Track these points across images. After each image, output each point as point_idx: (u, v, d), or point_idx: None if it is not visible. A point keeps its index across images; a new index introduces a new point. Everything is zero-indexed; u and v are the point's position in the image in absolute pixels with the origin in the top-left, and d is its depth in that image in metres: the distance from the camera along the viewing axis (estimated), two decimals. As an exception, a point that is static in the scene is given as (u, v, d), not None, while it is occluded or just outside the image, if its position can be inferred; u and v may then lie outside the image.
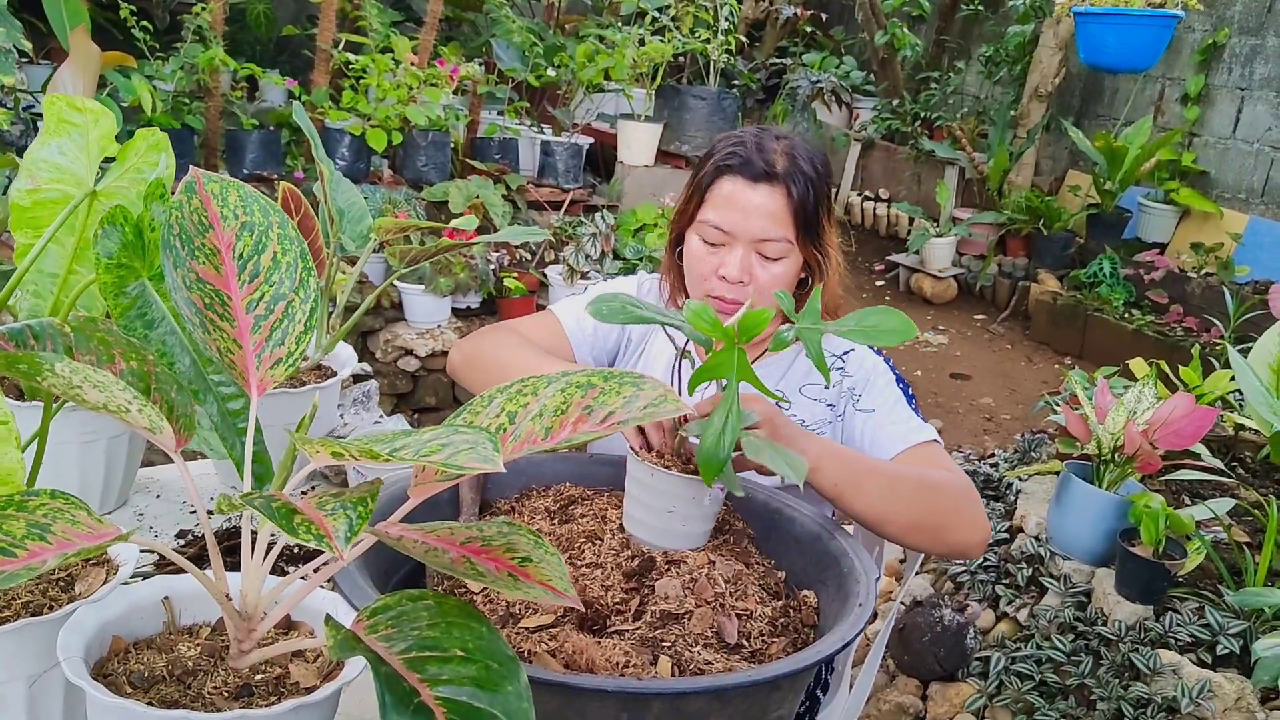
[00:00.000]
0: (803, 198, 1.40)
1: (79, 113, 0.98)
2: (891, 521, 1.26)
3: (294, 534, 0.64)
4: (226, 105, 4.54)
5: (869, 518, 1.25)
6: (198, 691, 0.84)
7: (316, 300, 0.80)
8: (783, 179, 1.40)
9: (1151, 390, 2.43)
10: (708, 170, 1.45)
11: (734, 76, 6.17)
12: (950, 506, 1.29)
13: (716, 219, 1.42)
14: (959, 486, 1.31)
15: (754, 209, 1.40)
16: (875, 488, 1.25)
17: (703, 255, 1.45)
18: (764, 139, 1.43)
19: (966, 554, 1.33)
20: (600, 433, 0.81)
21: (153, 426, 0.77)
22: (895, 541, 1.31)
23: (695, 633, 1.04)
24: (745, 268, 1.41)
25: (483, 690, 0.70)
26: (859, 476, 1.24)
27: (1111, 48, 5.11)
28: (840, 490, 1.23)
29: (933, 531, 1.29)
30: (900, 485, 1.28)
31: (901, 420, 1.42)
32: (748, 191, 1.41)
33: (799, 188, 1.40)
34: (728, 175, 1.43)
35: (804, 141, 1.47)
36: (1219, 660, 2.12)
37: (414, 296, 4.29)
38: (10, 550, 0.67)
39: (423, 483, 0.82)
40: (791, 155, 1.42)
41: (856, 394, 1.47)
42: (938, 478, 1.31)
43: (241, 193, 0.82)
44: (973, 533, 1.30)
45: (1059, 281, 6.05)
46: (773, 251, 1.42)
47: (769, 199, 1.40)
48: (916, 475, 1.30)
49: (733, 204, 1.42)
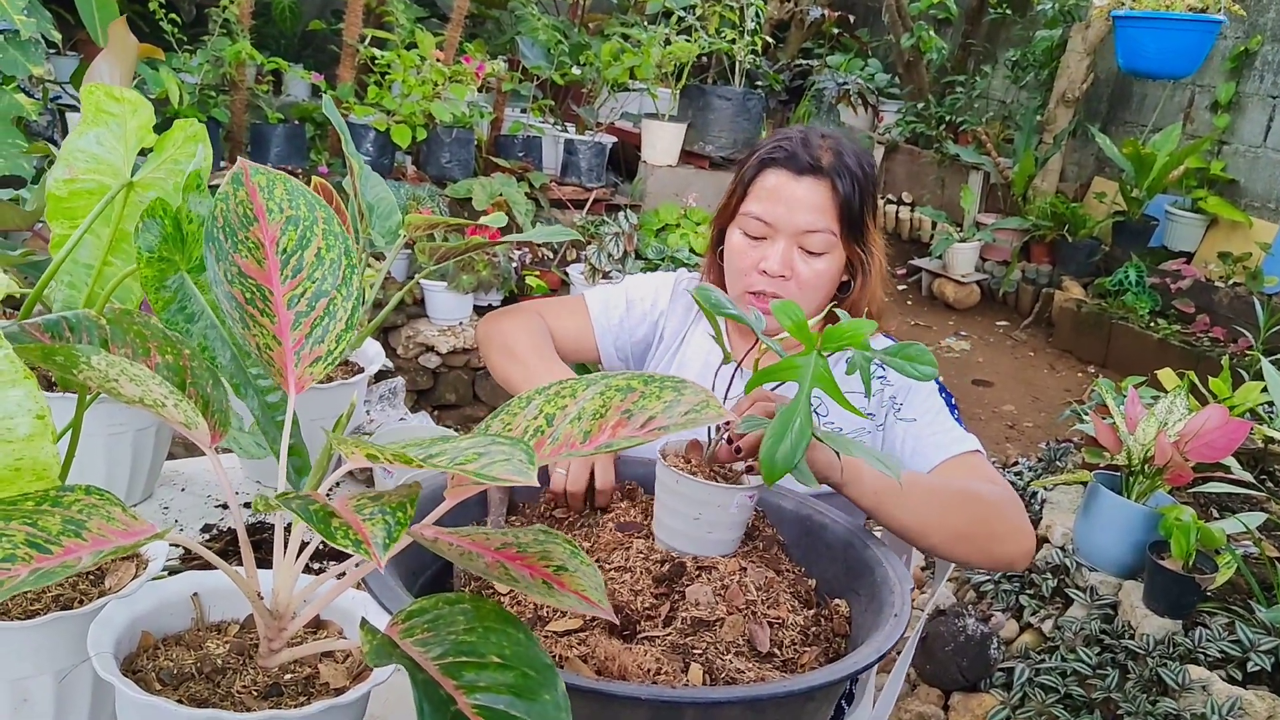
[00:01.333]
0: (848, 194, 1.39)
1: (117, 103, 0.97)
2: (935, 532, 1.22)
3: (331, 539, 0.63)
4: (251, 99, 4.54)
5: (911, 528, 1.22)
6: (227, 690, 0.83)
7: (359, 299, 0.79)
8: (828, 173, 1.39)
9: (1183, 401, 2.40)
10: (751, 164, 1.44)
11: (758, 77, 6.14)
12: (995, 516, 1.26)
13: (759, 211, 1.41)
14: (1003, 497, 1.28)
15: (798, 201, 1.39)
16: (917, 498, 1.22)
17: (744, 249, 1.43)
18: (810, 135, 1.42)
19: (1012, 565, 1.28)
20: (640, 438, 0.79)
21: (188, 422, 0.76)
22: (937, 554, 1.28)
23: (727, 640, 1.02)
24: (787, 261, 1.39)
25: (520, 699, 0.68)
26: (899, 487, 1.21)
27: (1151, 53, 5.02)
28: (881, 499, 1.20)
29: (978, 542, 1.25)
30: (943, 495, 1.25)
31: (944, 430, 1.40)
32: (792, 184, 1.39)
33: (845, 183, 1.38)
34: (772, 168, 1.41)
35: (851, 141, 1.45)
36: (1249, 677, 2.09)
37: (436, 293, 4.29)
38: (46, 547, 0.66)
39: (458, 485, 0.80)
40: (838, 152, 1.40)
41: (898, 403, 1.44)
42: (981, 488, 1.28)
43: (288, 186, 0.81)
44: (1019, 543, 1.26)
45: (1083, 289, 6.00)
46: (816, 245, 1.40)
47: (813, 192, 1.39)
48: (959, 485, 1.27)
49: (776, 196, 1.40)
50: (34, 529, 0.68)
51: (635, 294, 1.62)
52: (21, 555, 0.66)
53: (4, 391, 0.69)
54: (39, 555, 0.66)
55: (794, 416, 1.01)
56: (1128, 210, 5.96)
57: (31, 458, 0.71)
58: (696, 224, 5.07)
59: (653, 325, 1.61)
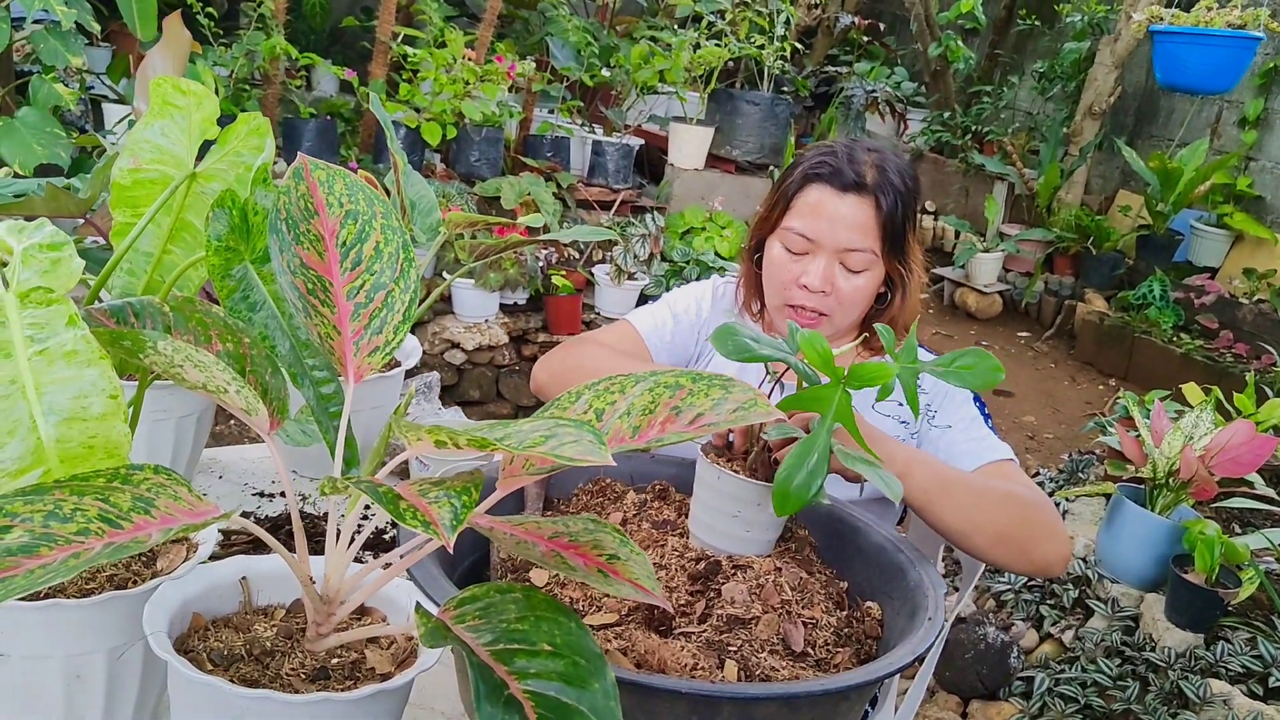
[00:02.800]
0: (891, 211, 1.39)
1: (183, 95, 0.99)
2: (979, 533, 1.23)
3: (401, 519, 0.65)
4: (284, 93, 4.58)
5: (955, 528, 1.23)
6: (276, 672, 0.85)
7: (415, 291, 0.80)
8: (872, 190, 1.39)
9: (1209, 416, 2.40)
10: (795, 178, 1.44)
11: (786, 83, 6.15)
12: (1036, 519, 1.27)
13: (801, 226, 1.41)
14: (1041, 502, 1.30)
15: (841, 218, 1.39)
16: (963, 497, 1.23)
17: (785, 263, 1.44)
18: (855, 150, 1.42)
19: (1049, 570, 1.29)
20: (689, 434, 0.81)
21: (249, 408, 0.78)
22: (978, 555, 1.29)
23: (761, 638, 1.04)
24: (828, 278, 1.40)
25: (570, 686, 0.70)
26: (947, 485, 1.23)
27: (1192, 68, 5.01)
28: (929, 499, 1.21)
29: (1019, 544, 1.26)
30: (988, 497, 1.26)
31: (979, 438, 1.41)
32: (835, 200, 1.40)
33: (888, 200, 1.39)
34: (816, 183, 1.41)
35: (895, 155, 1.46)
36: (1270, 692, 2.09)
37: (463, 291, 4.31)
38: (117, 522, 0.68)
39: (511, 475, 0.82)
40: (882, 168, 1.40)
41: (933, 410, 1.45)
42: (1022, 492, 1.29)
43: (347, 181, 0.83)
44: (1058, 547, 1.28)
45: (1106, 302, 5.98)
46: (856, 263, 1.40)
47: (857, 209, 1.39)
48: (1003, 488, 1.28)
49: (819, 212, 1.40)
50: (106, 504, 0.70)
51: (679, 307, 1.62)
52: (95, 529, 0.68)
53: (80, 371, 0.71)
54: (111, 530, 0.68)
55: (813, 449, 1.02)
56: (1152, 224, 5.94)
57: (104, 436, 0.73)
58: (722, 228, 5.08)
59: (696, 335, 1.62)
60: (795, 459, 1.02)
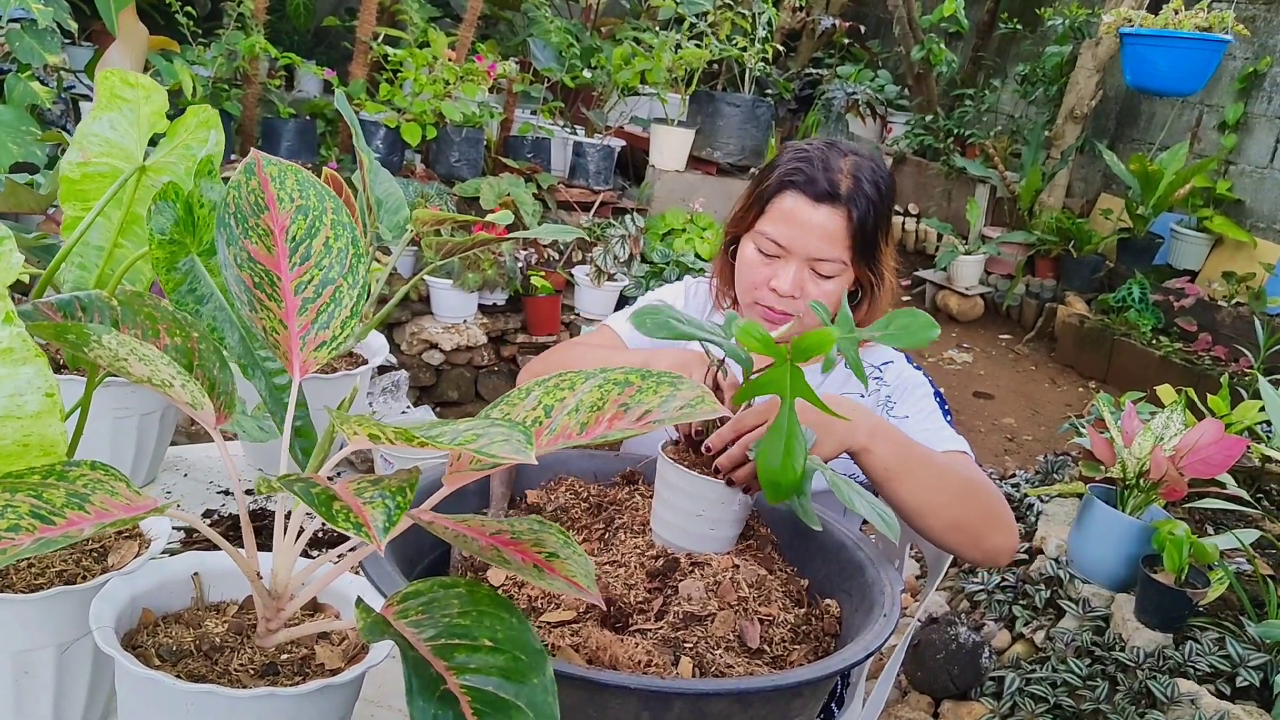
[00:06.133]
0: (862, 220, 1.40)
1: (131, 88, 0.99)
2: (935, 515, 1.25)
3: (333, 521, 0.65)
4: (264, 93, 4.57)
5: (912, 507, 1.24)
6: (224, 668, 0.85)
7: (364, 288, 0.80)
8: (845, 201, 1.40)
9: (1180, 417, 2.42)
10: (771, 182, 1.45)
11: (768, 85, 6.17)
12: (991, 510, 1.30)
13: (774, 233, 1.43)
14: (996, 493, 1.32)
15: (813, 228, 1.40)
16: (925, 477, 1.24)
17: (756, 265, 1.45)
18: (831, 156, 1.43)
19: (996, 560, 1.31)
20: (635, 431, 0.81)
21: (195, 402, 0.78)
22: (929, 537, 1.30)
23: (717, 635, 1.04)
24: (798, 283, 1.42)
25: (509, 681, 0.70)
26: (911, 463, 1.23)
27: (1160, 70, 5.07)
28: (890, 474, 1.22)
29: (973, 533, 1.28)
30: (948, 480, 1.27)
31: (935, 428, 1.42)
32: (809, 210, 1.41)
33: (860, 210, 1.40)
34: (791, 190, 1.42)
35: (871, 160, 1.46)
36: (1238, 692, 2.10)
37: (442, 291, 4.31)
38: (49, 518, 0.68)
39: (457, 471, 0.82)
40: (856, 176, 1.41)
41: (892, 402, 1.47)
42: (980, 479, 1.31)
43: (299, 177, 0.83)
44: (1008, 539, 1.30)
45: (1087, 304, 6.01)
46: (827, 270, 1.42)
47: (829, 220, 1.40)
48: (963, 474, 1.30)
49: (792, 220, 1.41)
50: (38, 501, 0.69)
51: None
52: (25, 525, 0.68)
53: (14, 369, 0.70)
54: (42, 525, 0.68)
55: (781, 432, 1.02)
56: (1133, 227, 5.97)
57: (39, 434, 0.73)
58: (703, 229, 5.09)
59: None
60: (767, 447, 1.02)
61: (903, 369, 1.52)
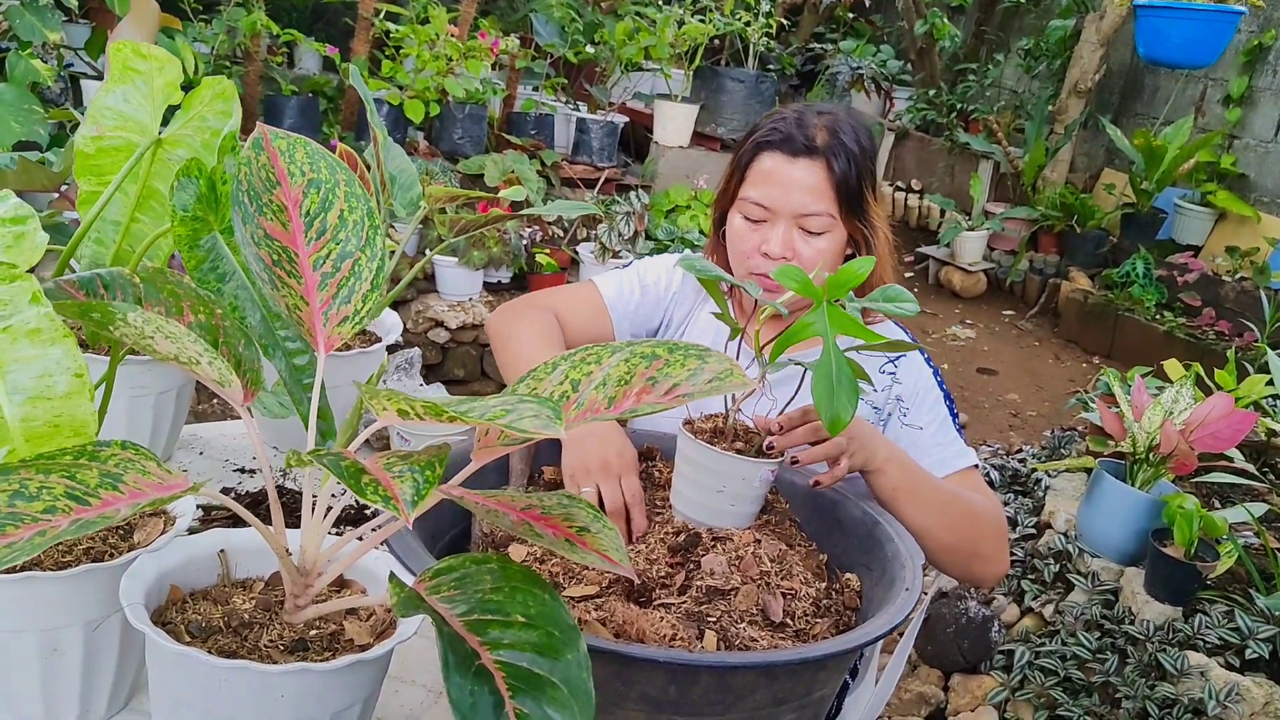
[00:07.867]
0: (845, 172, 1.39)
1: (144, 60, 0.97)
2: (932, 538, 1.27)
3: (362, 494, 0.65)
4: (265, 70, 4.54)
5: (911, 528, 1.25)
6: (254, 644, 0.85)
7: (383, 259, 0.80)
8: (823, 153, 1.39)
9: (1189, 391, 2.42)
10: (748, 148, 1.45)
11: (771, 60, 6.13)
12: (985, 538, 1.33)
13: (757, 195, 1.42)
14: (995, 520, 1.35)
15: (794, 183, 1.39)
16: (929, 502, 1.27)
17: (745, 233, 1.44)
18: (805, 115, 1.42)
19: (979, 584, 1.38)
20: (664, 405, 0.81)
21: (222, 380, 0.77)
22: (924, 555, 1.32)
23: (740, 609, 1.04)
24: (788, 243, 1.40)
25: (543, 657, 0.70)
26: (916, 486, 1.26)
27: (1174, 42, 5.03)
28: (896, 496, 1.25)
29: (963, 558, 1.32)
30: (951, 507, 1.30)
31: (947, 443, 1.43)
32: (787, 166, 1.40)
33: (840, 162, 1.39)
34: (767, 151, 1.42)
35: (848, 115, 1.45)
36: (1248, 664, 2.11)
37: (447, 269, 4.30)
38: (84, 499, 0.68)
39: (485, 446, 0.82)
40: (833, 129, 1.40)
41: (905, 407, 1.45)
42: (981, 508, 1.34)
43: (308, 149, 0.82)
44: (996, 568, 1.35)
45: (1090, 280, 6.00)
46: (815, 226, 1.40)
47: (809, 173, 1.39)
48: (966, 501, 1.32)
49: (772, 180, 1.40)
50: (73, 482, 0.69)
51: (649, 278, 1.62)
52: (61, 507, 0.67)
53: (44, 350, 0.70)
54: (78, 507, 0.67)
55: (830, 365, 1.02)
56: (1137, 202, 5.95)
57: (70, 415, 0.73)
58: (707, 205, 5.08)
59: (664, 310, 1.62)
60: (822, 388, 1.02)
61: (917, 367, 1.49)
